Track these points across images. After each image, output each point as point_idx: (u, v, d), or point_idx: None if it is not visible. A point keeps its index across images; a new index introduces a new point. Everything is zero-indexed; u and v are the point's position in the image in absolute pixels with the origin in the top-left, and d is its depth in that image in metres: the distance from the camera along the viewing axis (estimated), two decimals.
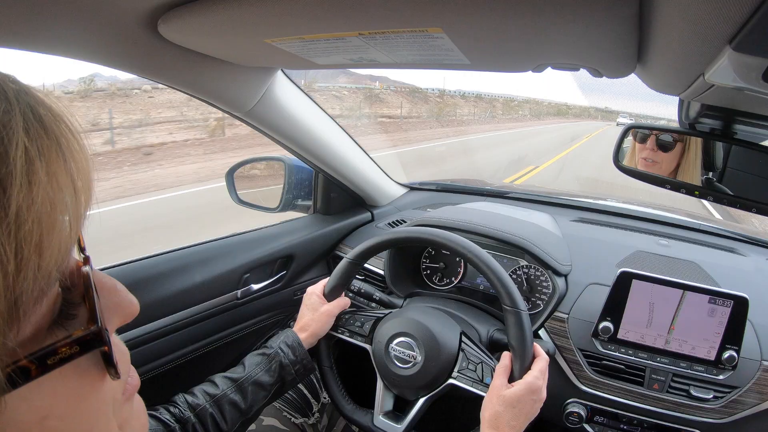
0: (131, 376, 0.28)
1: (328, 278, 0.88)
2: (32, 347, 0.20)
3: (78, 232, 0.23)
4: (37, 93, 0.22)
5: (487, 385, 0.72)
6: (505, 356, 0.72)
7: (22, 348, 0.20)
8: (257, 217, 1.18)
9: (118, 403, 0.26)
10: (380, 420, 0.81)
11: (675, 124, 0.75)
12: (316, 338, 0.83)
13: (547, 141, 17.44)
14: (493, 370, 0.73)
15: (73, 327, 0.23)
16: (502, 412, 0.66)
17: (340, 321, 0.86)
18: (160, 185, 6.52)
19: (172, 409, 0.66)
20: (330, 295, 0.86)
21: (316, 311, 0.83)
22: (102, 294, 0.25)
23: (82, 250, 0.26)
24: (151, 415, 0.64)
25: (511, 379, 0.71)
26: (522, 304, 0.73)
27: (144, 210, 5.24)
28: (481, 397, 0.71)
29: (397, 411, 0.82)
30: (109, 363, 0.24)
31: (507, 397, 0.67)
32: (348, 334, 0.86)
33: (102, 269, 0.76)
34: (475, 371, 0.75)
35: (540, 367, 0.71)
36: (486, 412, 0.68)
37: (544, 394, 0.70)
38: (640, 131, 0.74)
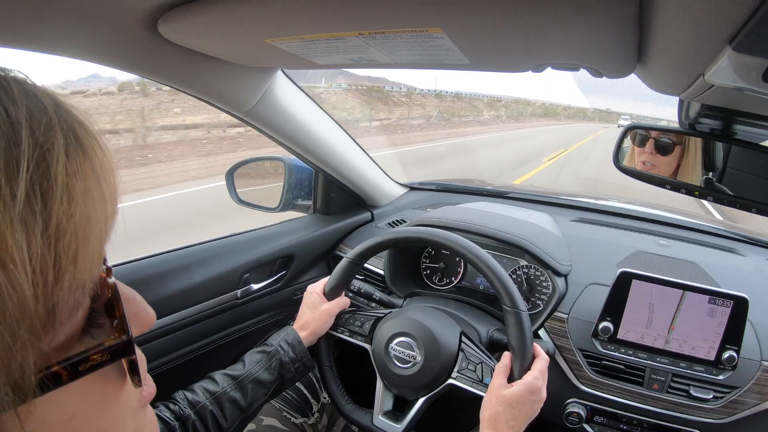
0: (148, 384, 0.29)
1: (328, 277, 0.88)
2: (64, 354, 0.22)
3: (107, 241, 0.24)
4: (72, 108, 0.23)
5: (487, 386, 0.72)
6: (505, 356, 0.72)
7: (55, 354, 0.21)
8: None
9: (134, 409, 0.27)
10: (380, 420, 0.81)
11: (675, 125, 0.75)
12: (315, 337, 0.83)
13: (502, 156, 11.97)
14: (492, 370, 0.73)
15: (99, 335, 0.24)
16: (501, 412, 0.66)
17: (340, 320, 0.86)
18: None
19: (172, 406, 0.66)
20: (330, 294, 0.86)
21: (316, 310, 0.84)
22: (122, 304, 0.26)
23: (103, 261, 0.26)
24: None
25: (511, 379, 0.71)
26: (522, 304, 0.73)
27: None
28: (481, 398, 0.71)
29: (397, 411, 0.82)
30: (134, 371, 0.25)
31: (506, 397, 0.67)
32: (348, 334, 0.86)
33: None
34: (474, 371, 0.75)
35: (540, 367, 0.71)
36: (485, 412, 0.68)
37: (543, 395, 0.70)
38: (639, 134, 0.74)
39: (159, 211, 4.92)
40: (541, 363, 0.72)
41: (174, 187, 6.12)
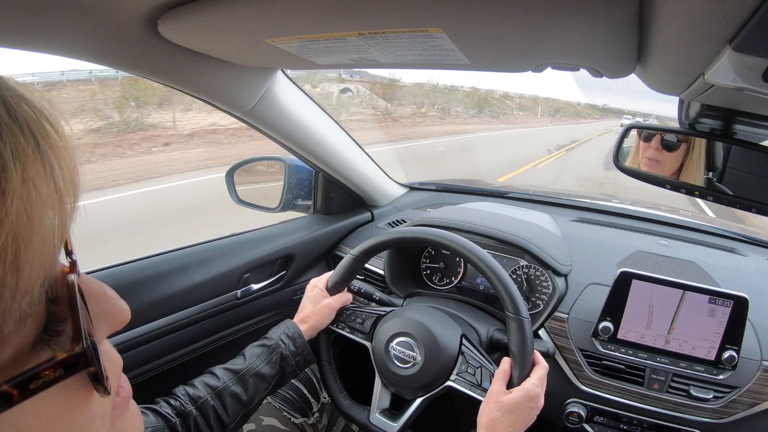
0: (122, 387, 0.27)
1: (331, 272, 0.88)
2: (13, 371, 0.19)
3: (63, 237, 0.21)
4: (12, 84, 0.20)
5: (485, 390, 0.72)
6: (505, 362, 0.73)
7: (1, 372, 0.18)
8: None
9: (108, 417, 0.25)
10: (376, 417, 0.81)
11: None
12: (315, 331, 0.83)
13: None
14: (491, 375, 0.73)
15: (57, 344, 0.21)
16: (498, 417, 0.66)
17: (341, 316, 0.87)
18: None
19: (172, 402, 0.66)
20: (333, 290, 0.86)
21: (317, 304, 0.84)
22: (90, 301, 0.23)
23: (69, 253, 0.24)
24: (151, 409, 0.64)
25: (510, 385, 0.71)
26: (525, 311, 0.73)
27: None
28: (479, 401, 0.71)
29: (394, 409, 0.82)
30: (97, 381, 0.22)
31: (504, 403, 0.67)
32: (348, 330, 0.86)
33: (101, 270, 0.76)
34: (473, 375, 0.75)
35: (539, 374, 0.71)
36: (483, 417, 0.68)
37: (541, 402, 0.70)
38: (645, 130, 0.74)
39: None
40: (541, 371, 0.72)
41: None
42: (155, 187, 5.75)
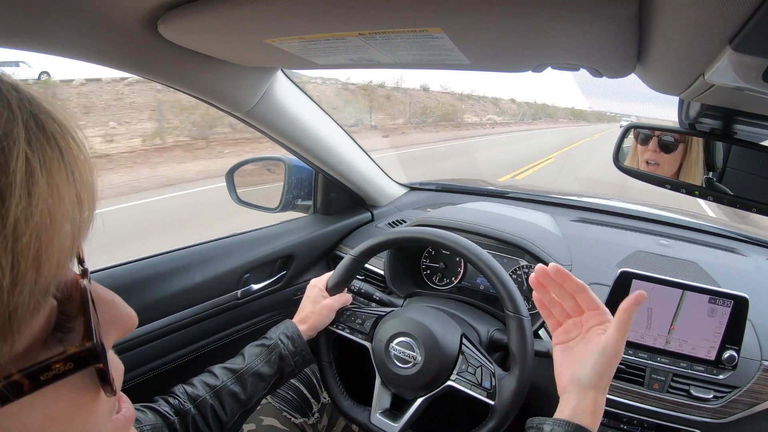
0: (126, 407, 0.28)
1: (331, 272, 0.88)
2: (26, 362, 0.20)
3: (79, 245, 0.22)
4: (41, 102, 0.22)
5: (485, 389, 0.72)
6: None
7: (15, 362, 0.20)
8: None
9: (106, 425, 0.26)
10: (377, 418, 0.81)
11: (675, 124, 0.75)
12: (315, 331, 0.83)
13: None
14: (492, 374, 0.73)
15: (69, 341, 0.22)
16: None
17: (341, 317, 0.87)
18: None
19: (171, 400, 0.66)
20: (333, 290, 0.86)
21: (317, 304, 0.84)
22: (100, 307, 0.25)
23: (81, 262, 0.25)
24: (149, 407, 0.64)
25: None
26: (525, 310, 0.73)
27: None
28: (479, 400, 0.71)
29: (395, 410, 0.82)
30: (104, 380, 0.23)
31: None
32: (348, 331, 0.86)
33: (101, 270, 0.76)
34: (474, 374, 0.75)
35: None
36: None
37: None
38: (642, 132, 0.74)
39: None
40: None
41: None
42: None
